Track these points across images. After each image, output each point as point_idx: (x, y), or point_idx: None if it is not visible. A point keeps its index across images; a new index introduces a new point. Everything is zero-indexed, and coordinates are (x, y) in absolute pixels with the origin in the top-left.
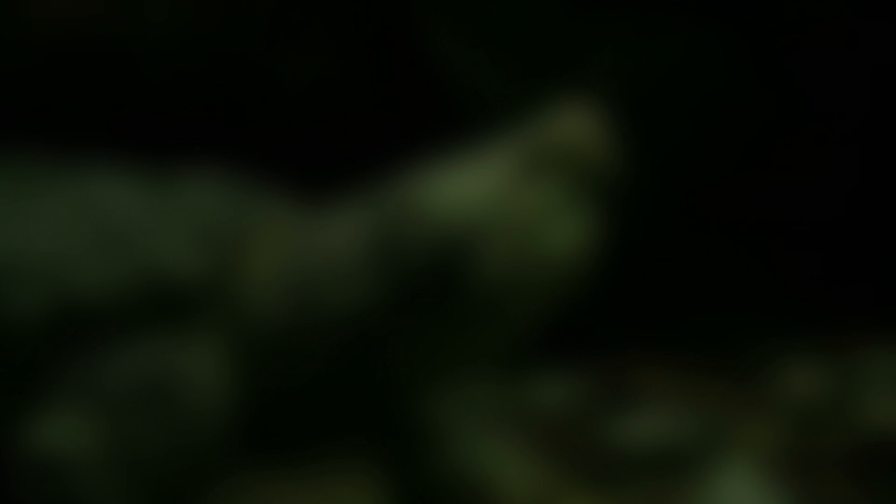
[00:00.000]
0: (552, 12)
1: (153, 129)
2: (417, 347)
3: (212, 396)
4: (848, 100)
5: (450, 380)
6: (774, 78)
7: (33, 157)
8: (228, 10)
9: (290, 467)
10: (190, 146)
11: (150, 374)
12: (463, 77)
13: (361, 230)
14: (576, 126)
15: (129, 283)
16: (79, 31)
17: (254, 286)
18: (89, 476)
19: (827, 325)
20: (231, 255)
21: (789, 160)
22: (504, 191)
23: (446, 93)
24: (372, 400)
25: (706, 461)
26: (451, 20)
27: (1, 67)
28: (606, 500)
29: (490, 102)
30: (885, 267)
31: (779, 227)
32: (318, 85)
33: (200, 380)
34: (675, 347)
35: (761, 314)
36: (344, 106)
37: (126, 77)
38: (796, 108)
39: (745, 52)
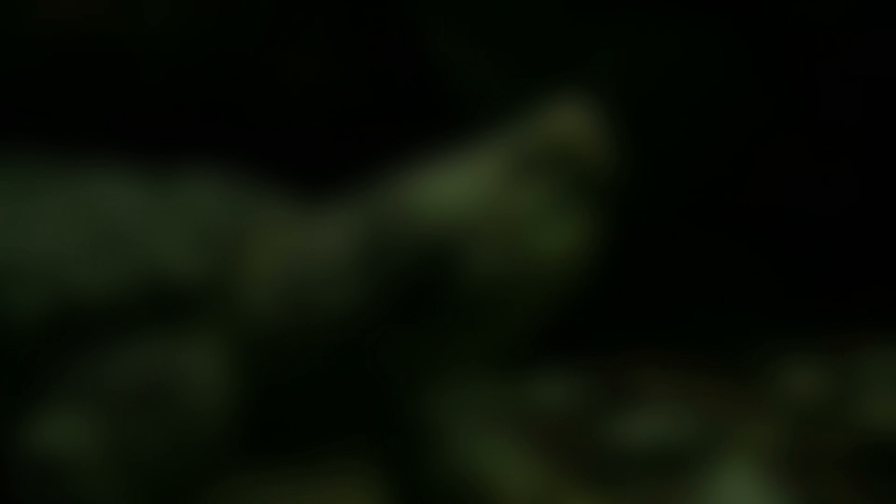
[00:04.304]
0: (552, 12)
1: (153, 129)
2: (412, 347)
3: (211, 396)
4: (847, 99)
5: (448, 380)
6: (774, 77)
7: (33, 157)
8: (228, 10)
9: (289, 467)
10: (190, 146)
11: (150, 374)
12: (462, 77)
13: (353, 230)
14: (568, 124)
15: (128, 284)
16: (79, 31)
17: (253, 286)
18: (89, 476)
19: (827, 325)
20: (230, 255)
21: (789, 159)
22: (496, 190)
23: (446, 93)
24: (371, 400)
25: (706, 461)
26: (450, 20)
27: (1, 67)
28: (606, 500)
29: (490, 102)
30: (885, 267)
31: (779, 227)
32: (317, 85)
33: (200, 380)
34: (675, 347)
35: (761, 314)
36: (344, 106)
37: (126, 77)
38: (795, 108)
39: (744, 51)
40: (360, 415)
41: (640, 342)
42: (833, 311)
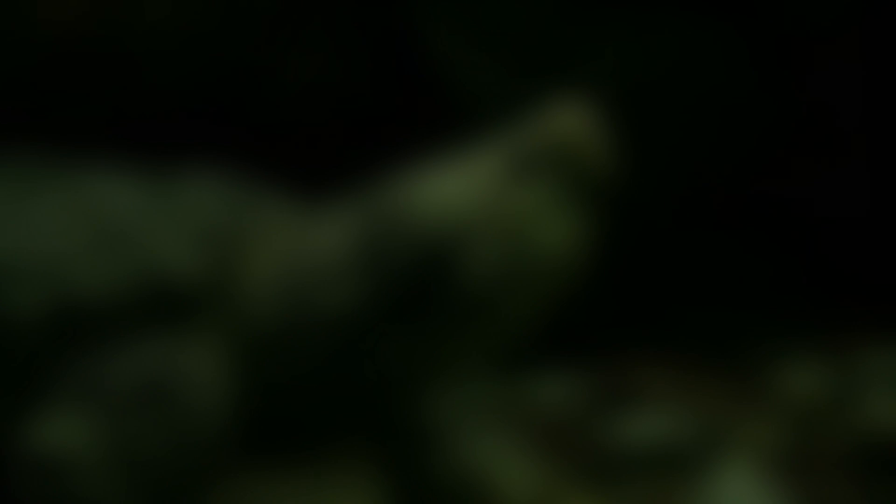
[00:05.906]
0: (552, 12)
1: (153, 130)
2: (412, 347)
3: (211, 396)
4: (848, 99)
5: (448, 380)
6: (774, 77)
7: (33, 157)
8: (228, 10)
9: (289, 467)
10: (190, 146)
11: (150, 374)
12: (463, 77)
13: (352, 230)
14: (568, 124)
15: (128, 284)
16: (79, 31)
17: (253, 286)
18: (89, 476)
19: (827, 325)
20: (230, 255)
21: (789, 160)
22: (495, 190)
23: (446, 93)
24: (370, 400)
25: (706, 461)
26: (451, 20)
27: (1, 67)
28: (606, 500)
29: (490, 102)
30: (885, 267)
31: (779, 227)
32: (318, 85)
33: (200, 379)
34: (675, 347)
35: (761, 314)
36: (344, 106)
37: (126, 77)
38: (796, 108)
39: (744, 51)
40: (360, 414)
41: (640, 342)
42: (833, 311)
